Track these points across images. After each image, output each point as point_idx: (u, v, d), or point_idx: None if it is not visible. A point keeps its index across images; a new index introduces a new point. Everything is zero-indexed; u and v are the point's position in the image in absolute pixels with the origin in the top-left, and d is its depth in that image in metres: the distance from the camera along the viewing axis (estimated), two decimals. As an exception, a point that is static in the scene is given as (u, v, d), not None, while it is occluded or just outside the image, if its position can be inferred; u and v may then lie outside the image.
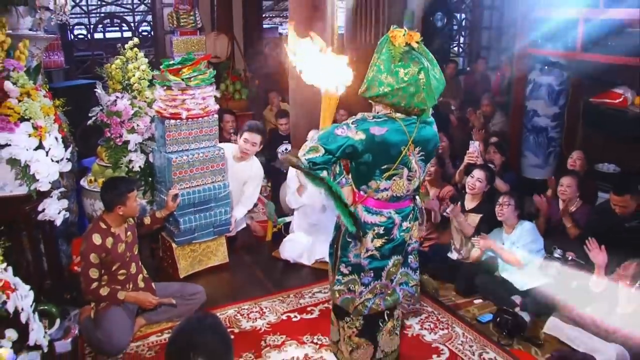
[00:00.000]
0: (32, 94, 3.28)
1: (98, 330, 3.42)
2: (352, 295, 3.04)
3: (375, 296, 3.05)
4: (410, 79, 2.64)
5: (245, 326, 3.80)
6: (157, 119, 4.30)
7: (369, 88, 2.78)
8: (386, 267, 3.01)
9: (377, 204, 2.90)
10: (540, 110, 5.92)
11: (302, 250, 4.71)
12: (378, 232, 2.92)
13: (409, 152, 2.78)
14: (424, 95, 2.67)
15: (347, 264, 3.02)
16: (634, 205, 3.98)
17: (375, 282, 3.02)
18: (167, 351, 1.74)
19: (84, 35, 7.96)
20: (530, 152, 6.02)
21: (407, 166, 2.81)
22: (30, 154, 3.16)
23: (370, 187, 2.87)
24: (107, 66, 4.49)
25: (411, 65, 2.65)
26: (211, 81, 4.33)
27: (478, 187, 4.55)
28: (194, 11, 7.44)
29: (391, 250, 2.97)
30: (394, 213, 2.91)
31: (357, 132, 2.73)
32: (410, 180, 2.86)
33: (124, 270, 3.58)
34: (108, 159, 4.43)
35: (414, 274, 3.19)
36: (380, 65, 2.71)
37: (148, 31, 8.24)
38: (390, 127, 2.74)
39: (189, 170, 4.26)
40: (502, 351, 3.54)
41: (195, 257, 4.49)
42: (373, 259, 2.97)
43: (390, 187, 2.84)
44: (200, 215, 4.37)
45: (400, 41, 2.67)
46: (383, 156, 2.76)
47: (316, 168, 2.70)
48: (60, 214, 3.51)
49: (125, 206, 3.53)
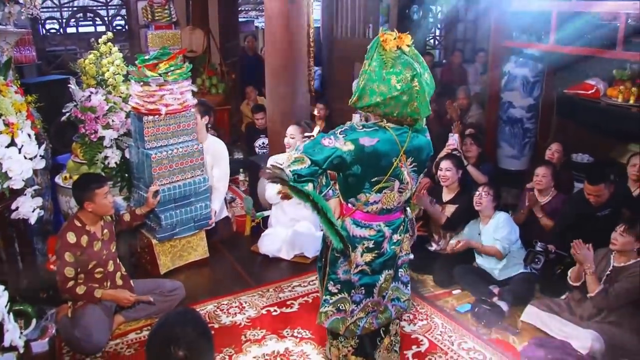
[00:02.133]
0: (3, 90, 3.22)
1: (76, 328, 3.38)
2: (343, 315, 2.87)
3: (368, 315, 2.88)
4: (403, 87, 2.48)
5: (225, 321, 3.79)
6: (134, 115, 4.24)
7: (361, 98, 2.59)
8: (378, 282, 2.83)
9: (366, 217, 2.74)
10: (515, 101, 5.99)
11: (280, 245, 4.70)
12: (368, 246, 2.75)
13: (400, 163, 2.62)
14: (417, 104, 2.52)
15: (336, 282, 2.85)
16: (607, 194, 4.05)
17: (367, 299, 2.85)
18: (148, 345, 1.74)
19: (57, 29, 7.83)
20: (505, 143, 6.09)
21: (398, 178, 2.65)
22: (2, 152, 3.10)
23: (359, 200, 2.70)
24: (81, 61, 4.43)
25: (403, 72, 2.49)
26: (188, 75, 4.29)
27: (450, 177, 4.59)
28: (169, 5, 7.37)
29: (382, 265, 2.80)
30: (383, 226, 2.75)
31: (346, 142, 2.54)
32: (401, 192, 2.70)
33: (100, 269, 3.55)
34: (83, 156, 4.37)
35: (405, 288, 3.02)
36: (371, 72, 2.54)
37: (122, 25, 8.14)
38: (381, 137, 2.58)
39: (168, 165, 4.23)
40: (481, 340, 3.59)
41: (175, 252, 4.47)
42: (364, 275, 2.79)
43: (380, 199, 2.67)
44: (181, 210, 4.35)
45: (391, 45, 2.52)
46: (373, 168, 2.60)
47: (301, 180, 2.51)
48: (34, 212, 3.46)
49: (94, 203, 3.48)
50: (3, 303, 2.66)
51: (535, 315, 3.68)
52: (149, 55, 4.26)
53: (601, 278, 3.47)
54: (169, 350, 1.65)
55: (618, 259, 3.47)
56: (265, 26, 5.35)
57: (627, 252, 3.42)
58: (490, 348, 3.51)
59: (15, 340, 2.69)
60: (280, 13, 5.02)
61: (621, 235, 3.39)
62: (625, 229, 3.39)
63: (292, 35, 5.08)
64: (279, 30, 5.09)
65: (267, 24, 5.28)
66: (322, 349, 3.45)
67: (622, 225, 3.42)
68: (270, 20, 5.16)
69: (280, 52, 5.14)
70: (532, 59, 5.87)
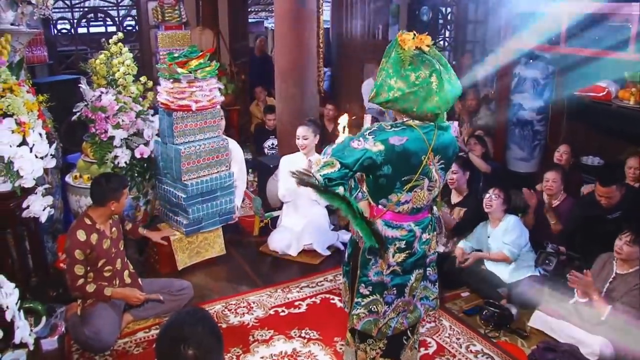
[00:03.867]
0: (15, 90, 3.25)
1: (85, 327, 3.39)
2: (375, 317, 2.85)
3: (398, 315, 2.89)
4: (422, 82, 2.49)
5: (233, 321, 3.80)
6: (163, 111, 4.36)
7: (378, 94, 2.60)
8: (409, 282, 2.84)
9: (396, 217, 2.74)
10: (525, 103, 5.96)
11: (290, 241, 4.71)
12: (399, 247, 2.75)
13: (429, 161, 2.61)
14: (437, 99, 2.51)
15: (368, 284, 2.83)
16: (619, 196, 4.03)
17: (399, 299, 2.85)
18: (158, 344, 1.74)
19: (68, 29, 7.88)
20: (515, 145, 6.06)
21: (427, 176, 2.64)
22: (13, 150, 3.14)
23: (390, 201, 2.68)
24: (92, 61, 4.46)
25: (422, 69, 2.50)
26: (215, 73, 4.45)
27: (457, 179, 4.58)
28: (179, 5, 7.40)
29: (413, 264, 2.81)
30: (414, 225, 2.76)
31: (375, 143, 2.52)
32: (430, 190, 2.70)
33: (109, 267, 3.56)
34: (93, 155, 4.40)
35: (433, 287, 3.03)
36: (389, 69, 2.56)
37: (132, 26, 8.18)
38: (410, 135, 2.57)
39: (196, 160, 4.36)
40: (489, 343, 3.58)
41: (193, 249, 4.52)
42: (395, 275, 2.80)
43: (411, 199, 2.67)
44: (207, 204, 4.48)
45: (409, 45, 2.52)
46: (404, 167, 2.59)
47: (332, 184, 2.49)
48: (44, 211, 3.49)
49: (118, 202, 3.53)
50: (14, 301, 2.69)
51: (543, 321, 3.66)
52: (178, 53, 4.40)
53: (604, 285, 3.44)
54: (178, 350, 1.66)
55: (621, 266, 3.45)
56: (275, 27, 5.36)
57: (632, 260, 3.39)
58: (499, 351, 3.50)
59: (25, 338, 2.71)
60: (291, 14, 5.03)
61: (627, 245, 3.37)
62: (631, 239, 3.36)
63: (302, 36, 5.10)
64: (289, 31, 5.10)
65: (277, 24, 5.29)
66: (330, 350, 3.45)
67: (628, 234, 3.38)
68: (280, 21, 5.17)
69: (290, 53, 5.14)
70: (543, 61, 5.84)
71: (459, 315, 3.93)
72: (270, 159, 6.02)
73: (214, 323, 1.81)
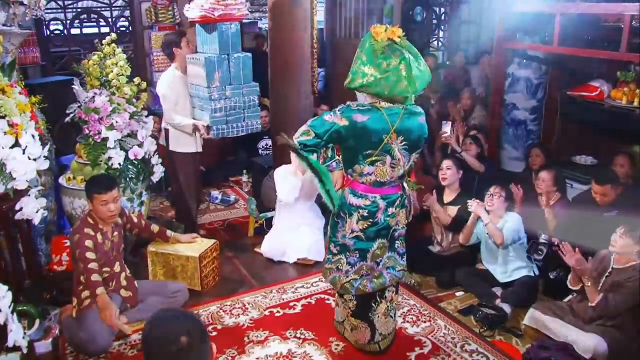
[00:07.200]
0: (7, 91, 3.23)
1: (80, 329, 3.38)
2: (340, 273, 3.28)
3: (362, 277, 3.25)
4: (392, 69, 2.86)
5: (228, 322, 3.79)
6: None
7: (354, 79, 2.99)
8: (371, 249, 3.21)
9: (363, 189, 3.12)
10: (518, 103, 5.98)
11: (284, 248, 4.67)
12: (362, 215, 3.14)
13: (390, 140, 2.98)
14: (406, 83, 2.87)
15: (336, 244, 3.28)
16: (614, 194, 4.05)
17: (361, 262, 3.23)
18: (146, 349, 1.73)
19: (60, 30, 7.82)
20: (509, 145, 6.08)
21: (389, 154, 3.01)
22: (6, 152, 3.12)
23: (355, 171, 3.10)
24: (85, 62, 4.43)
25: (392, 57, 2.87)
26: None
27: (449, 176, 4.56)
28: (173, 6, 7.38)
29: (375, 233, 3.18)
30: (379, 198, 3.13)
31: (342, 118, 2.98)
32: (393, 167, 3.06)
33: (107, 268, 3.56)
34: (87, 157, 4.37)
35: (400, 259, 3.36)
36: (362, 57, 2.94)
37: (126, 26, 8.13)
38: (372, 115, 2.96)
39: None
40: (484, 342, 3.58)
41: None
42: (358, 240, 3.19)
43: (373, 172, 3.05)
44: None
45: (382, 37, 2.89)
46: (365, 142, 2.98)
47: (306, 150, 2.99)
48: (38, 213, 3.47)
49: (91, 204, 3.49)
50: (7, 303, 2.68)
51: (538, 320, 3.67)
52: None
53: (601, 279, 3.46)
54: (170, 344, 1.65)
55: (618, 261, 3.45)
56: (269, 27, 5.35)
57: (627, 254, 3.40)
58: (494, 350, 3.51)
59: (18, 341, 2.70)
60: (284, 14, 5.02)
61: (620, 237, 3.39)
62: (624, 231, 3.38)
63: (295, 36, 5.08)
64: (283, 31, 5.09)
65: (270, 24, 5.28)
66: (325, 350, 3.46)
67: (621, 227, 3.41)
68: (274, 21, 5.16)
69: (284, 53, 5.13)
70: (536, 61, 5.86)
71: (453, 314, 3.94)
72: (265, 159, 6.01)
73: (189, 312, 1.92)
